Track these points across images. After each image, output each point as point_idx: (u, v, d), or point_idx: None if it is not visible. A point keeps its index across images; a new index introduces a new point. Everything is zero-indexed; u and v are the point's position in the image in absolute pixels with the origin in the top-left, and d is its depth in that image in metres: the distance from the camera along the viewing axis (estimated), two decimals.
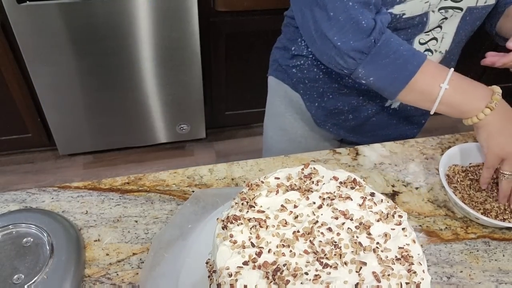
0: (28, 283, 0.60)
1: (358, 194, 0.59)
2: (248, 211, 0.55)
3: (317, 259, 0.50)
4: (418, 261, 0.52)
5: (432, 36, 0.84)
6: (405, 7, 0.75)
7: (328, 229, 0.54)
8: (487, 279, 0.68)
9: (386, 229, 0.55)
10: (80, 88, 1.81)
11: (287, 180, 0.60)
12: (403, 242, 0.54)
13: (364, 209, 0.57)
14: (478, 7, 0.81)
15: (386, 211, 0.57)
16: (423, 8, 0.76)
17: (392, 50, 0.72)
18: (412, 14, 0.77)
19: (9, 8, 1.51)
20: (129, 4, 1.60)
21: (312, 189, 0.58)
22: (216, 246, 0.53)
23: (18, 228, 0.67)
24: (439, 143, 0.94)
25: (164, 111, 1.99)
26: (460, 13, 0.80)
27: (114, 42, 1.69)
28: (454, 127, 2.33)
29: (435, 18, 0.80)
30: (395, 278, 0.49)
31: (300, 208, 0.56)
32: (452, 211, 0.79)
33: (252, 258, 0.50)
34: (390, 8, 0.75)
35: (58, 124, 1.91)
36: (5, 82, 1.73)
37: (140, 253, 0.69)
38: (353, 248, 0.52)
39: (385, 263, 0.51)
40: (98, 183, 0.80)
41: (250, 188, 0.59)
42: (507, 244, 0.74)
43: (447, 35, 0.84)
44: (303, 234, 0.53)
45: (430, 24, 0.80)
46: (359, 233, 0.54)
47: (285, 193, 0.57)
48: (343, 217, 0.55)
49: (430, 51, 0.85)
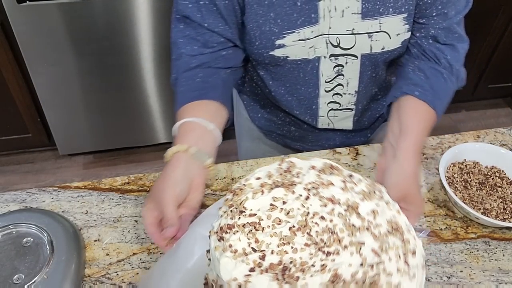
0: (28, 283, 0.60)
1: (338, 178, 0.59)
2: (240, 217, 0.54)
3: (318, 249, 0.51)
4: (407, 229, 0.56)
5: (336, 83, 0.82)
6: (286, 51, 0.74)
7: (321, 217, 0.54)
8: (487, 279, 0.68)
9: (372, 206, 0.57)
10: (80, 88, 1.81)
11: (268, 178, 0.59)
12: (390, 215, 0.57)
13: (347, 192, 0.58)
14: (375, 53, 0.76)
15: (367, 189, 0.59)
16: (308, 53, 0.75)
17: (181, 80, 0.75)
18: (298, 58, 0.76)
19: (9, 8, 1.51)
20: (129, 4, 1.60)
21: (294, 182, 0.58)
22: (216, 260, 0.51)
23: (18, 228, 0.67)
24: (439, 143, 0.94)
25: (164, 111, 1.99)
26: (356, 59, 0.77)
27: (114, 42, 1.69)
28: (454, 127, 2.34)
29: (327, 65, 0.78)
30: (392, 250, 0.52)
31: (289, 204, 0.55)
32: (452, 211, 0.79)
33: (257, 263, 0.49)
34: (271, 52, 0.74)
35: (58, 124, 1.91)
36: (5, 82, 1.73)
37: (140, 253, 0.69)
38: (348, 231, 0.53)
39: (380, 239, 0.53)
40: (98, 183, 0.80)
41: (234, 193, 0.57)
42: (507, 244, 0.74)
43: (351, 80, 0.81)
44: (299, 228, 0.53)
45: (323, 70, 0.78)
46: (349, 215, 0.55)
47: (271, 191, 0.56)
48: (331, 203, 0.56)
49: (339, 94, 0.84)
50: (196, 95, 0.72)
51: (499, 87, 2.37)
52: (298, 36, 0.72)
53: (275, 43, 0.73)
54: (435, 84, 0.74)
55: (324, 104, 0.86)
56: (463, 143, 0.88)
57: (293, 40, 0.72)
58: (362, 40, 0.74)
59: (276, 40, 0.72)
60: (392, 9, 0.71)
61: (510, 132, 0.97)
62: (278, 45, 0.73)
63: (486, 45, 2.10)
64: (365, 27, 0.73)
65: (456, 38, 0.77)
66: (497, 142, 0.94)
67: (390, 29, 0.73)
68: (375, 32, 0.73)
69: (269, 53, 0.75)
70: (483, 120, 2.43)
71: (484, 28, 2.02)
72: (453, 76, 0.78)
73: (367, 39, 0.74)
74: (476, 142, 0.92)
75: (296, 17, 0.70)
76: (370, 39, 0.74)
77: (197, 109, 0.70)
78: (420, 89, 0.73)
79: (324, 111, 0.87)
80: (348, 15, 0.71)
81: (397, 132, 0.68)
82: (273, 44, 0.73)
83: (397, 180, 0.64)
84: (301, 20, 0.71)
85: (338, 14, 0.71)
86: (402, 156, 0.65)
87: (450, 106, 0.79)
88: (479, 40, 2.08)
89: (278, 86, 0.84)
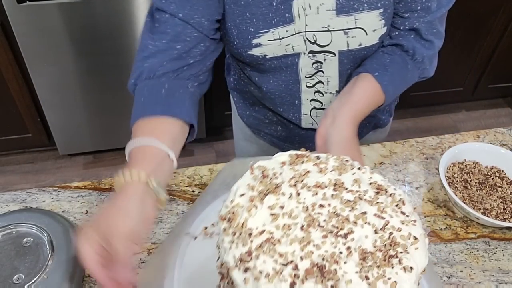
0: (28, 283, 0.60)
1: (310, 163, 0.60)
2: (251, 240, 0.51)
3: (336, 235, 0.51)
4: (387, 185, 0.58)
5: (317, 80, 0.82)
6: (263, 50, 0.74)
7: (320, 206, 0.55)
8: (487, 279, 0.68)
9: (351, 177, 0.59)
10: (80, 88, 1.81)
11: (252, 191, 0.56)
12: (367, 178, 0.59)
13: (324, 173, 0.59)
14: (353, 50, 0.76)
15: (337, 163, 0.61)
16: (286, 50, 0.75)
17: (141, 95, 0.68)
18: (276, 55, 0.75)
19: (9, 8, 1.51)
20: (129, 4, 1.60)
21: (278, 184, 0.57)
22: None
23: (18, 228, 0.67)
24: (439, 143, 0.94)
25: None
26: (334, 56, 0.78)
27: (114, 42, 1.69)
28: (454, 127, 2.34)
29: (306, 61, 0.78)
30: (388, 207, 0.55)
31: (286, 206, 0.55)
32: (452, 211, 0.79)
33: (293, 275, 0.48)
34: (249, 51, 0.74)
35: (58, 124, 1.91)
36: (5, 82, 1.73)
37: (140, 253, 0.69)
38: (348, 207, 0.55)
39: (373, 202, 0.56)
40: (98, 183, 0.80)
41: (228, 220, 0.53)
42: (507, 244, 0.74)
43: (331, 78, 0.82)
44: (308, 224, 0.53)
45: (302, 66, 0.79)
46: (340, 193, 0.56)
47: (263, 202, 0.54)
48: (319, 189, 0.57)
49: (320, 92, 0.84)
50: (160, 109, 0.65)
51: (499, 87, 2.37)
52: (272, 35, 0.72)
53: (252, 42, 0.73)
54: (396, 72, 0.77)
55: (306, 101, 0.86)
56: (463, 143, 0.88)
57: (268, 39, 0.73)
58: (338, 36, 0.74)
59: (253, 39, 0.73)
60: (367, 5, 0.71)
61: (510, 132, 0.97)
62: (255, 44, 0.73)
63: (486, 45, 2.10)
64: (340, 24, 0.73)
65: (435, 34, 0.78)
66: (497, 142, 0.94)
67: (366, 25, 0.73)
68: (351, 28, 0.73)
69: (247, 52, 0.75)
70: (483, 120, 2.43)
71: (484, 28, 2.02)
72: (418, 70, 0.80)
73: (343, 35, 0.74)
74: (476, 142, 0.92)
75: (271, 16, 0.71)
76: (346, 36, 0.74)
77: (159, 130, 0.63)
78: (381, 71, 0.75)
79: (307, 108, 0.88)
80: (323, 12, 0.71)
81: (343, 102, 0.71)
82: (250, 43, 0.73)
83: (339, 143, 0.67)
84: (276, 19, 0.71)
85: (313, 11, 0.71)
86: (341, 121, 0.68)
87: (450, 106, 0.79)
88: (479, 40, 2.08)
89: (264, 81, 0.84)
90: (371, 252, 0.50)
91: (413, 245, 0.52)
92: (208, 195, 0.72)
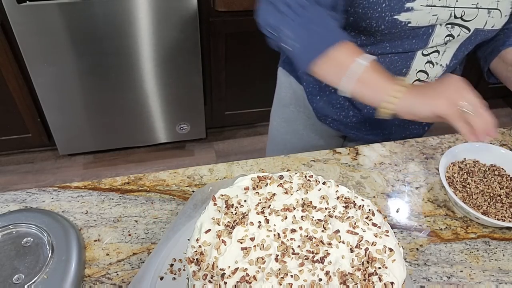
0: (28, 283, 0.60)
1: (275, 185, 0.60)
2: (225, 281, 0.48)
3: (312, 261, 0.50)
4: (354, 196, 0.59)
5: (435, 49, 0.84)
6: (411, 16, 0.75)
7: (292, 230, 0.53)
8: (487, 279, 0.68)
9: (317, 194, 0.58)
10: (80, 88, 1.81)
11: (218, 225, 0.54)
12: (333, 192, 0.59)
13: (290, 194, 0.58)
14: (485, 30, 0.81)
15: (301, 181, 0.60)
16: (430, 20, 0.76)
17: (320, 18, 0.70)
18: (418, 24, 0.77)
19: (9, 8, 1.51)
20: (129, 4, 1.60)
21: (244, 213, 0.55)
22: None
23: (18, 228, 0.67)
24: (439, 143, 0.94)
25: (164, 111, 1.99)
26: (467, 33, 0.81)
27: (114, 42, 1.69)
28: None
29: (440, 32, 0.79)
30: (359, 221, 0.55)
31: (257, 237, 0.52)
32: (452, 211, 0.79)
33: None
34: (396, 15, 0.75)
35: (58, 124, 1.91)
36: (5, 82, 1.73)
37: (140, 253, 0.69)
38: (320, 227, 0.54)
39: (344, 218, 0.55)
40: (98, 183, 0.80)
41: (196, 262, 0.50)
42: (507, 244, 0.74)
43: (449, 49, 0.84)
44: (283, 253, 0.51)
45: (434, 37, 0.80)
46: (309, 213, 0.56)
47: (231, 236, 0.52)
48: (288, 212, 0.56)
49: (432, 63, 0.85)
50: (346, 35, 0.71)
51: (499, 87, 2.36)
52: (426, 1, 0.74)
53: (404, 6, 0.74)
54: None
55: (413, 72, 0.86)
56: (463, 143, 0.88)
57: (421, 4, 0.74)
58: (482, 14, 0.78)
59: (407, 2, 0.74)
60: None
61: (510, 132, 0.97)
62: (407, 8, 0.74)
63: None
64: (487, 2, 0.77)
65: None
66: (497, 142, 0.94)
67: (503, 7, 0.79)
68: (493, 8, 0.78)
69: (393, 16, 0.75)
70: None
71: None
72: None
73: (486, 14, 0.78)
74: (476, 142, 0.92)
75: None
76: (488, 15, 0.78)
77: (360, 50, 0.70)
78: None
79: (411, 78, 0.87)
80: None
81: None
82: (402, 6, 0.74)
83: None
84: None
85: None
86: None
87: None
88: None
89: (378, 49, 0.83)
90: (350, 273, 0.49)
91: (390, 258, 0.51)
92: (170, 231, 0.67)
